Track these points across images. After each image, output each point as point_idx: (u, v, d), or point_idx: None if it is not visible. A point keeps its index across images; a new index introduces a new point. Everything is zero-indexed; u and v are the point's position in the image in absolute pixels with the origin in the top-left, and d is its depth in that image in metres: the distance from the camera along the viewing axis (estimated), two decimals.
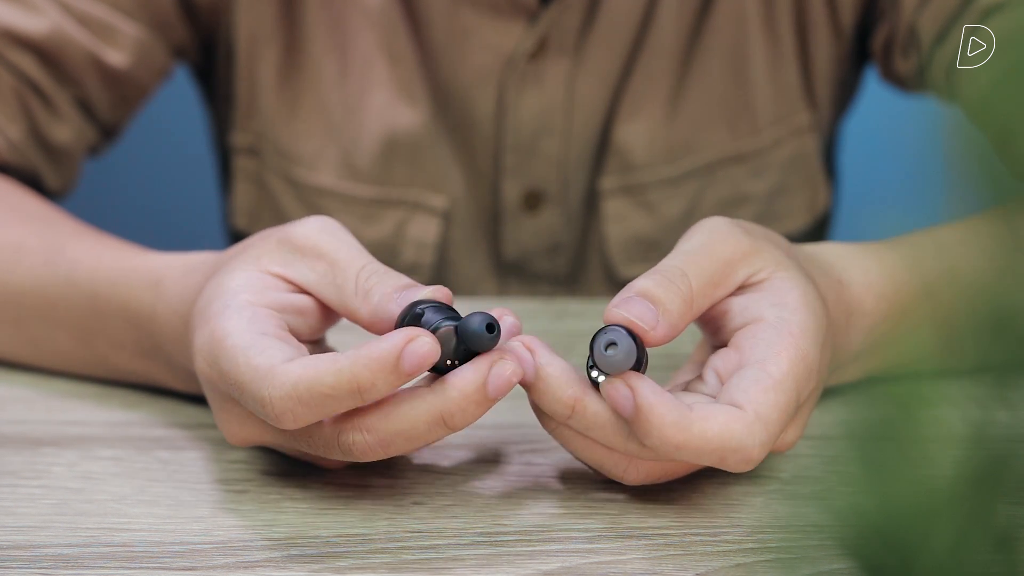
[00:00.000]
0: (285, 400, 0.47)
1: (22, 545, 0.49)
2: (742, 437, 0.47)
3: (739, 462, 0.47)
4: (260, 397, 0.47)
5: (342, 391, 0.46)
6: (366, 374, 0.46)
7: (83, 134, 0.82)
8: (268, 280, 0.52)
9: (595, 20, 0.83)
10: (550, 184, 0.86)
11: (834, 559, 0.47)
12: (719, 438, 0.47)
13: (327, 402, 0.47)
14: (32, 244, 0.66)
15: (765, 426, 0.47)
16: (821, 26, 0.85)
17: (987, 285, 0.29)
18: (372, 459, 0.49)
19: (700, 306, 0.50)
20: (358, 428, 0.48)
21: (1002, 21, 0.69)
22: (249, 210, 0.90)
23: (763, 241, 0.53)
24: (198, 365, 0.52)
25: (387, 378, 0.46)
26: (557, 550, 0.49)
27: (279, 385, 0.47)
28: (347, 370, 0.46)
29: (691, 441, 0.46)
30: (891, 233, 0.60)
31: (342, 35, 0.84)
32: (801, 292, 0.51)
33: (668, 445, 0.47)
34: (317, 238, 0.53)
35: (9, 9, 0.77)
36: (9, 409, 0.62)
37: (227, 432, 0.52)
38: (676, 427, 0.46)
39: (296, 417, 0.47)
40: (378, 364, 0.46)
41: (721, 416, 0.47)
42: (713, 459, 0.47)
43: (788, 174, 0.88)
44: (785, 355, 0.49)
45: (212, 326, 0.50)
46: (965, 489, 0.28)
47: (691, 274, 0.50)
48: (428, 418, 0.47)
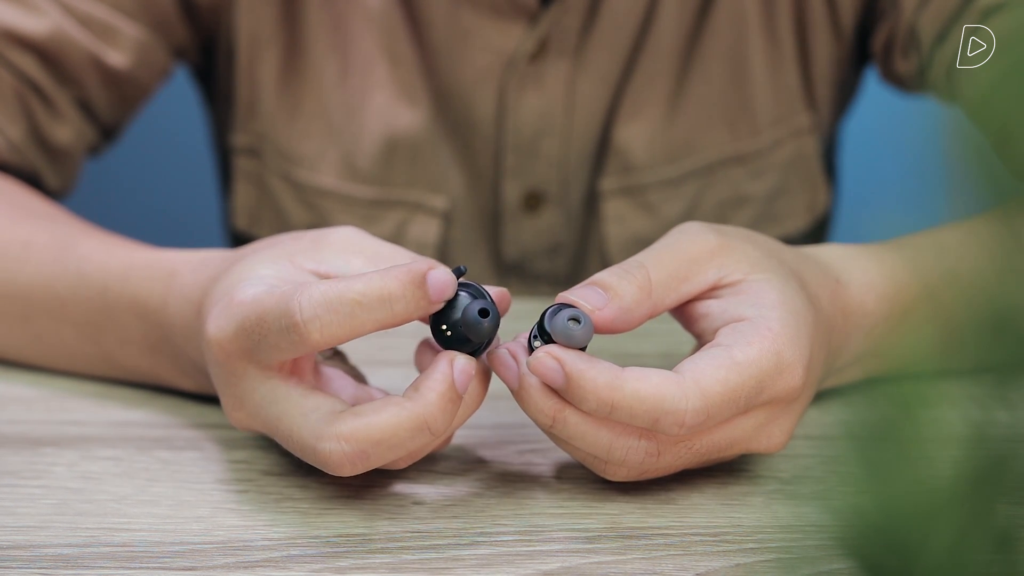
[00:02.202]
0: (314, 307, 0.47)
1: (22, 545, 0.49)
2: (675, 399, 0.47)
3: (671, 424, 0.47)
4: (287, 309, 0.48)
5: (372, 298, 0.47)
6: (395, 285, 0.47)
7: (83, 134, 0.82)
8: (298, 275, 0.52)
9: (595, 21, 0.83)
10: (550, 185, 0.86)
11: (834, 559, 0.47)
12: (652, 398, 0.47)
13: (356, 310, 0.47)
14: (41, 241, 0.66)
15: (702, 394, 0.47)
16: (821, 27, 0.85)
17: (987, 285, 0.29)
18: (349, 473, 0.48)
19: (662, 297, 0.51)
20: (336, 438, 0.48)
21: (1002, 21, 0.69)
22: (249, 211, 0.90)
23: (737, 241, 0.53)
24: (211, 335, 0.51)
25: (414, 293, 0.47)
26: (557, 550, 0.49)
27: (309, 295, 0.47)
28: (378, 278, 0.47)
29: (624, 400, 0.47)
30: (891, 234, 0.60)
31: (343, 36, 0.84)
32: (779, 292, 0.51)
33: (603, 406, 0.47)
34: (355, 237, 0.54)
35: (10, 9, 0.77)
36: (9, 409, 0.62)
37: (230, 413, 0.52)
38: (609, 387, 0.47)
39: (323, 326, 0.47)
40: (407, 277, 0.47)
41: (655, 378, 0.48)
42: (647, 420, 0.48)
43: (788, 175, 0.88)
44: (756, 345, 0.49)
45: (229, 296, 0.51)
46: (965, 489, 0.28)
47: (649, 266, 0.51)
48: (411, 425, 0.48)
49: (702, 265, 0.52)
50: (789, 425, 0.51)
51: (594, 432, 0.49)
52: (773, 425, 0.51)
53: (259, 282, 0.51)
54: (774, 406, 0.50)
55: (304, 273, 0.52)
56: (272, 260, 0.53)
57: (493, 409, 0.60)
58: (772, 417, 0.51)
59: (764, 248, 0.54)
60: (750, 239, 0.54)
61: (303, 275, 0.52)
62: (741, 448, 0.51)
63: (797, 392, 0.50)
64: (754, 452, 0.52)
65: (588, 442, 0.49)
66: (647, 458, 0.50)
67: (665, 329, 0.60)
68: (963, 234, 0.30)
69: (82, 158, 0.83)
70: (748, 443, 0.51)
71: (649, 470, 0.51)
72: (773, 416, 0.51)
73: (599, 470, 0.51)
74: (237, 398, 0.51)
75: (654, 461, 0.50)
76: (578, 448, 0.50)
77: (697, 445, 0.50)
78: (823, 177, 0.90)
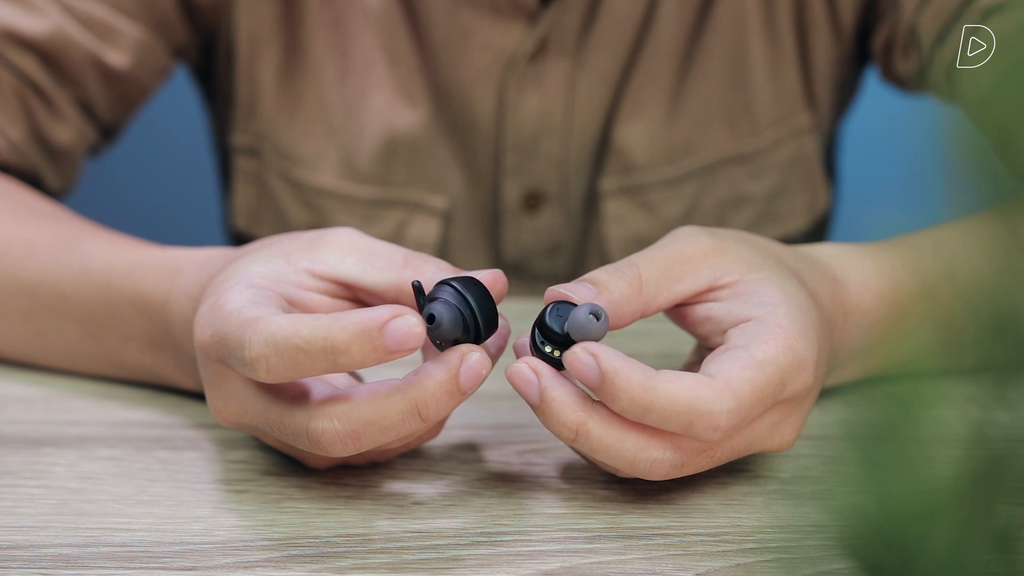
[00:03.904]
0: (262, 346, 0.47)
1: (22, 545, 0.49)
2: (709, 401, 0.46)
3: (706, 428, 0.47)
4: (241, 342, 0.47)
5: (316, 347, 0.46)
6: (342, 336, 0.46)
7: (83, 134, 0.82)
8: (291, 273, 0.52)
9: (595, 21, 0.83)
10: (550, 184, 0.86)
11: (834, 559, 0.47)
12: (686, 400, 0.46)
13: (300, 356, 0.46)
14: (45, 239, 0.66)
15: (734, 395, 0.47)
16: (821, 27, 0.85)
17: (987, 285, 0.29)
18: (341, 454, 0.48)
19: (653, 295, 0.51)
20: (328, 416, 0.47)
21: (1002, 21, 0.69)
22: (249, 210, 0.90)
23: (731, 242, 0.53)
24: (196, 335, 0.52)
25: (363, 346, 0.46)
26: (557, 550, 0.49)
27: (260, 331, 0.47)
28: (324, 328, 0.46)
29: (657, 402, 0.46)
30: (891, 233, 0.60)
31: (342, 36, 0.84)
32: (779, 289, 0.51)
33: (636, 407, 0.47)
34: (352, 237, 0.54)
35: (10, 10, 0.77)
36: (9, 409, 0.62)
37: (214, 409, 0.52)
38: (642, 388, 0.46)
39: (269, 367, 0.47)
40: (357, 328, 0.46)
41: (688, 380, 0.47)
42: (680, 423, 0.47)
43: (788, 175, 0.88)
44: (772, 342, 0.49)
45: (216, 296, 0.51)
46: (965, 489, 0.28)
47: (641, 264, 0.51)
48: (402, 407, 0.47)
49: (696, 266, 0.52)
50: (798, 423, 0.51)
51: (617, 445, 0.48)
52: (785, 424, 0.51)
53: (247, 283, 0.51)
54: (788, 404, 0.50)
55: (299, 272, 0.53)
56: (267, 259, 0.53)
57: (493, 409, 0.60)
58: (785, 416, 0.51)
59: (760, 248, 0.54)
60: (745, 240, 0.54)
61: (298, 274, 0.52)
62: (755, 450, 0.51)
63: (809, 388, 0.50)
64: (766, 451, 0.52)
65: (612, 456, 0.48)
66: (671, 471, 0.49)
67: (665, 329, 0.60)
68: (961, 233, 0.30)
69: (82, 158, 0.84)
70: (762, 443, 0.51)
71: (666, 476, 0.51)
72: (786, 415, 0.51)
73: (620, 475, 0.51)
74: (225, 395, 0.51)
75: (676, 472, 0.49)
76: (600, 461, 0.50)
77: (719, 453, 0.50)
78: (823, 177, 0.90)
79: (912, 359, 0.29)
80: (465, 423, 0.59)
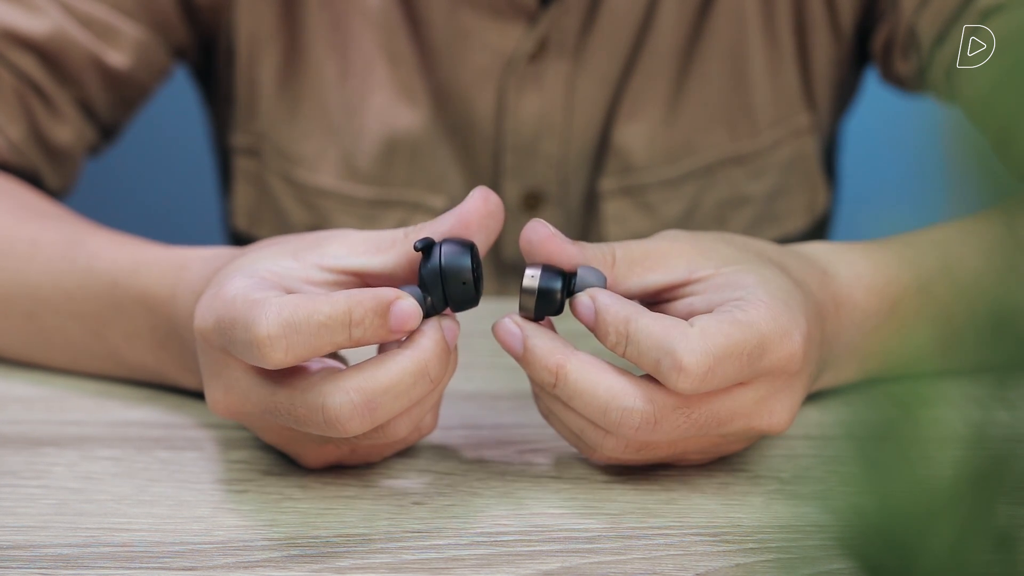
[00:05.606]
0: (281, 327, 0.47)
1: (22, 545, 0.49)
2: (677, 340, 0.48)
3: (671, 368, 0.48)
4: (248, 322, 0.48)
5: (337, 321, 0.48)
6: (360, 310, 0.48)
7: (83, 134, 0.82)
8: (298, 269, 0.53)
9: (595, 22, 0.83)
10: (550, 185, 0.86)
11: (834, 559, 0.47)
12: (658, 335, 0.49)
13: (321, 332, 0.48)
14: (48, 238, 0.66)
15: (704, 341, 0.48)
16: (820, 27, 0.85)
17: (986, 285, 0.29)
18: (357, 430, 0.48)
19: (624, 274, 0.53)
20: (344, 390, 0.48)
21: (1002, 21, 0.69)
22: (249, 211, 0.90)
23: (709, 241, 0.54)
24: (196, 323, 0.52)
25: (374, 321, 0.48)
26: (557, 550, 0.49)
27: (275, 312, 0.48)
28: (343, 303, 0.48)
29: (635, 333, 0.49)
30: (890, 233, 0.60)
31: (342, 36, 0.84)
32: (757, 275, 0.52)
33: (620, 337, 0.50)
34: (357, 232, 0.55)
35: (10, 9, 0.77)
36: (9, 409, 0.62)
37: (211, 400, 0.52)
38: (626, 319, 0.50)
39: (289, 346, 0.47)
40: (372, 304, 0.48)
41: (668, 320, 0.49)
42: (650, 359, 0.49)
43: (787, 175, 0.88)
44: (753, 311, 0.50)
45: (218, 287, 0.51)
46: (965, 489, 0.28)
47: (617, 247, 0.53)
48: (413, 368, 0.49)
49: (671, 260, 0.53)
50: (791, 402, 0.51)
51: (592, 390, 0.49)
52: (774, 400, 0.51)
53: (251, 274, 0.51)
54: (775, 378, 0.50)
55: (308, 267, 0.53)
56: (274, 256, 0.53)
57: (493, 409, 0.60)
58: (773, 391, 0.51)
59: (738, 245, 0.55)
60: (724, 239, 0.55)
61: (306, 269, 0.53)
62: (742, 424, 0.51)
63: (798, 362, 0.50)
64: (756, 431, 0.51)
65: (585, 401, 0.50)
66: (643, 425, 0.49)
67: None
68: (961, 232, 0.31)
69: (82, 158, 0.84)
70: (749, 418, 0.51)
71: (646, 445, 0.51)
72: (774, 390, 0.51)
73: (596, 445, 0.51)
74: (224, 384, 0.51)
75: (650, 430, 0.50)
76: (576, 416, 0.51)
77: (695, 414, 0.50)
78: (823, 177, 0.90)
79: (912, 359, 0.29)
80: (465, 423, 0.59)
